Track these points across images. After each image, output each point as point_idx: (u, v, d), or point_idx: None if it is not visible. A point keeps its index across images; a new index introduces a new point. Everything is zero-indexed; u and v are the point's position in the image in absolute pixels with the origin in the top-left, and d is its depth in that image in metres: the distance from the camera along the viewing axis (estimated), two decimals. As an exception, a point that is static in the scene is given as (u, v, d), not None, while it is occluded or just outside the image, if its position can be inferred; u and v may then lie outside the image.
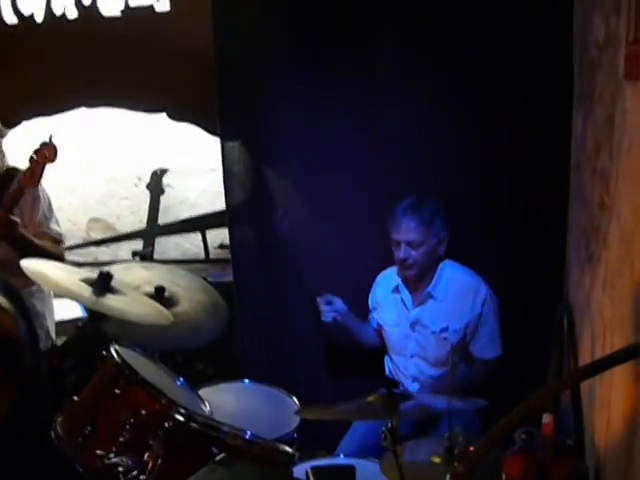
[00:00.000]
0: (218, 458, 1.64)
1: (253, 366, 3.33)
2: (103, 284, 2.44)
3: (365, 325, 3.15)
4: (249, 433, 2.35)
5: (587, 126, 2.34)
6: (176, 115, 3.72)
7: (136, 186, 3.97)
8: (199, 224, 3.84)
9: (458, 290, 2.89)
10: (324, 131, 3.13)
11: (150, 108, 3.69)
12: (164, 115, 3.74)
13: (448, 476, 1.04)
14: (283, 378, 3.19)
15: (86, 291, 2.40)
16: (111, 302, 2.39)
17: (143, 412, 2.31)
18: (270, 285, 3.31)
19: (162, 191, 3.92)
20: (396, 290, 3.00)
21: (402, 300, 2.97)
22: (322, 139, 3.14)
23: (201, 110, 3.51)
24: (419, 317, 2.92)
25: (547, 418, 1.88)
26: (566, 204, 2.75)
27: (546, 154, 2.91)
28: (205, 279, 3.52)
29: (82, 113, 3.73)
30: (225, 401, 2.91)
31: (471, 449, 1.17)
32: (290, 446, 2.62)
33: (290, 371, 3.34)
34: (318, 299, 3.05)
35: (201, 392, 2.87)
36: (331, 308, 3.04)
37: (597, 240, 2.03)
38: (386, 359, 3.12)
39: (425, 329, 2.91)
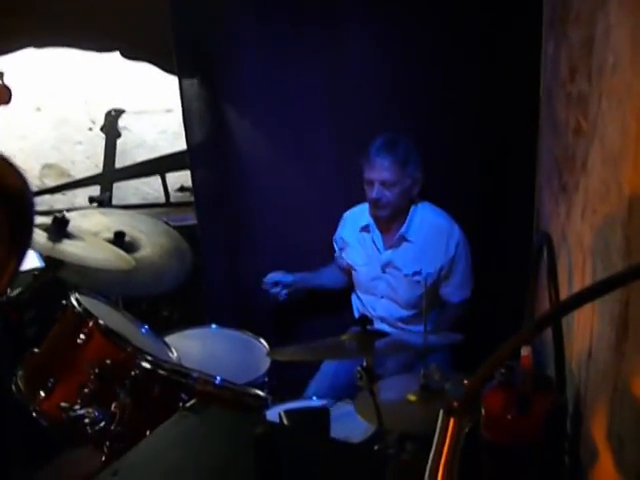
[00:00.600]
0: (189, 404, 1.55)
1: (220, 310, 3.27)
2: (58, 229, 2.32)
3: (320, 274, 3.11)
4: (219, 378, 2.29)
5: (560, 51, 2.24)
6: (130, 54, 3.56)
7: (90, 129, 3.79)
8: (158, 167, 3.70)
9: (432, 233, 2.83)
10: (288, 67, 3.00)
11: (102, 47, 3.52)
12: (117, 54, 3.56)
13: (442, 412, 0.96)
14: (251, 322, 3.14)
15: (41, 237, 2.27)
16: (68, 248, 2.27)
17: (108, 361, 2.23)
18: (235, 226, 3.22)
19: (118, 134, 3.75)
20: (365, 229, 2.93)
21: (372, 240, 2.90)
22: (286, 76, 3.01)
23: (156, 48, 3.34)
24: (391, 259, 2.86)
25: (526, 350, 1.81)
26: (536, 134, 2.67)
27: (516, 84, 2.82)
28: (167, 223, 3.43)
29: (29, 54, 3.53)
30: (192, 347, 2.86)
31: (465, 382, 1.09)
32: (261, 390, 2.60)
33: (258, 314, 3.28)
34: (264, 286, 3.00)
35: (167, 339, 2.81)
36: (280, 288, 3.00)
37: (572, 169, 1.96)
38: (354, 298, 3.08)
39: (397, 271, 2.86)
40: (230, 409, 1.97)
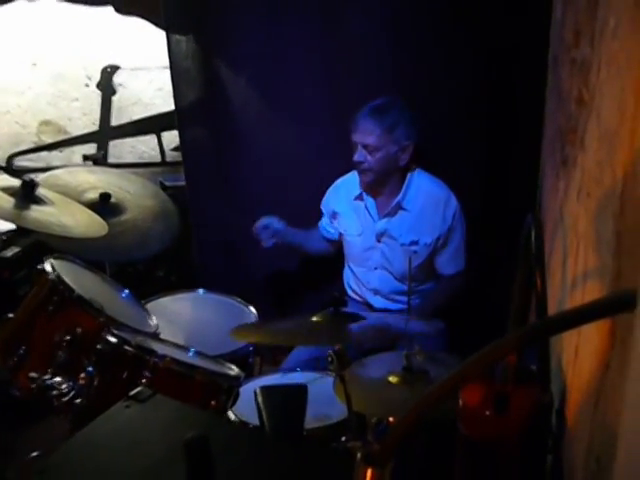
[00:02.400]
0: (133, 392, 1.39)
1: (210, 273, 3.15)
2: (26, 194, 2.14)
3: (308, 235, 2.94)
4: (192, 352, 2.15)
5: (567, 14, 2.00)
6: (123, 8, 3.36)
7: (87, 86, 3.60)
8: (154, 125, 3.54)
9: (429, 201, 2.67)
10: (281, 25, 2.80)
11: (94, 1, 3.33)
12: (111, 9, 3.36)
13: (359, 455, 0.77)
14: (241, 287, 3.00)
15: (6, 202, 2.10)
16: (33, 214, 2.10)
17: (79, 331, 2.09)
18: (225, 188, 3.06)
19: (114, 91, 3.56)
20: (359, 197, 2.76)
21: (366, 208, 2.73)
22: (279, 34, 2.81)
23: (149, 3, 3.15)
24: (387, 228, 2.70)
25: None
26: (543, 104, 2.45)
27: (522, 48, 2.60)
28: (162, 183, 3.30)
29: (21, 7, 3.33)
30: (180, 312, 2.76)
31: (390, 420, 0.90)
32: (246, 358, 2.47)
33: (247, 278, 3.15)
34: (254, 227, 2.80)
35: (157, 302, 2.73)
36: (269, 232, 2.80)
37: (574, 141, 1.74)
38: (345, 271, 2.91)
39: (393, 241, 2.70)
40: (189, 394, 1.81)
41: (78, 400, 1.96)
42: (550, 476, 1.62)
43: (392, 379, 1.99)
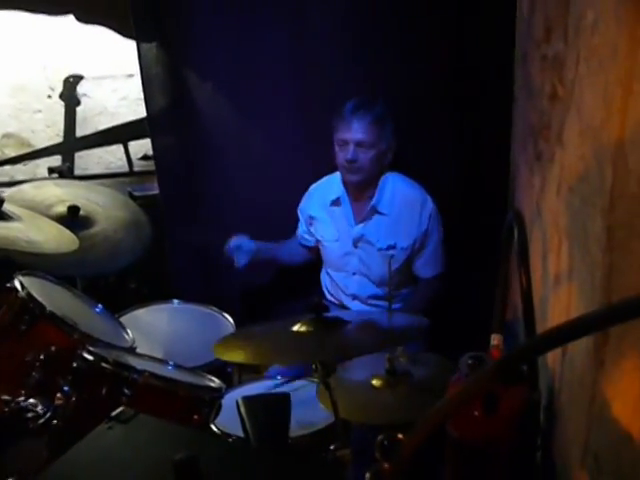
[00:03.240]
0: (115, 413, 1.33)
1: (184, 285, 3.07)
2: (-8, 210, 2.06)
3: (283, 246, 2.91)
4: (171, 366, 2.09)
5: (535, 10, 1.99)
6: (84, 17, 3.28)
7: (49, 97, 3.51)
8: (120, 135, 3.46)
9: (404, 204, 2.63)
10: (252, 31, 2.75)
11: (54, 10, 3.25)
12: (71, 17, 3.29)
13: (368, 475, 0.73)
14: (217, 297, 2.95)
15: (-29, 219, 2.03)
16: (1, 232, 2.02)
17: (53, 349, 2.03)
18: (197, 196, 3.00)
19: (77, 101, 3.48)
20: (336, 203, 2.71)
21: (344, 214, 2.69)
22: (249, 39, 2.76)
23: (111, 11, 3.08)
24: (363, 233, 2.66)
25: (496, 339, 1.64)
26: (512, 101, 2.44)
27: (491, 46, 2.59)
28: (131, 193, 3.24)
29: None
30: (155, 324, 2.71)
31: (399, 437, 0.87)
32: (224, 369, 2.43)
33: (223, 289, 3.09)
34: (225, 248, 2.79)
35: (132, 315, 2.68)
36: (241, 253, 2.78)
37: (548, 137, 1.73)
38: (323, 275, 2.88)
39: (370, 246, 2.67)
40: (171, 410, 1.76)
41: (55, 422, 1.89)
42: (540, 474, 1.61)
43: (375, 382, 1.98)
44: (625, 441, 0.92)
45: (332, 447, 1.75)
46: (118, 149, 3.56)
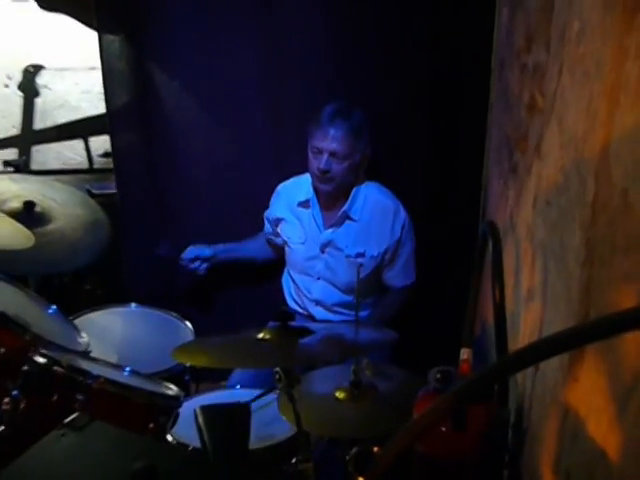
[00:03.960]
0: (68, 419, 1.30)
1: (142, 287, 3.01)
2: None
3: (247, 245, 2.91)
4: (127, 371, 2.06)
5: (515, 18, 2.02)
6: (47, 4, 3.21)
7: (6, 86, 3.43)
8: (81, 129, 3.40)
9: (377, 212, 2.64)
10: (221, 29, 2.72)
11: (14, -6, 3.20)
12: (34, 4, 3.22)
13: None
14: (176, 301, 2.92)
15: None
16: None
17: (2, 351, 1.98)
18: (158, 196, 2.95)
19: (37, 92, 3.41)
20: (305, 204, 2.70)
21: (312, 217, 2.69)
22: (218, 38, 2.73)
23: (75, -1, 3.04)
24: (332, 239, 2.66)
25: (465, 353, 1.63)
26: (487, 110, 2.47)
27: (468, 55, 2.62)
28: (90, 191, 3.18)
29: None
30: (112, 328, 2.67)
31: (374, 450, 0.86)
32: (182, 376, 2.41)
33: (183, 293, 3.05)
34: (180, 260, 2.80)
35: (86, 318, 2.63)
36: (199, 262, 2.80)
37: (525, 149, 1.74)
38: (285, 279, 2.87)
39: (338, 252, 2.66)
40: (126, 417, 1.72)
41: (2, 428, 1.83)
42: (507, 492, 1.61)
43: (339, 395, 1.96)
44: (600, 458, 0.93)
45: (294, 460, 1.73)
46: (78, 144, 3.49)
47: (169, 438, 1.98)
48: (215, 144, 2.86)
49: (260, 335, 1.74)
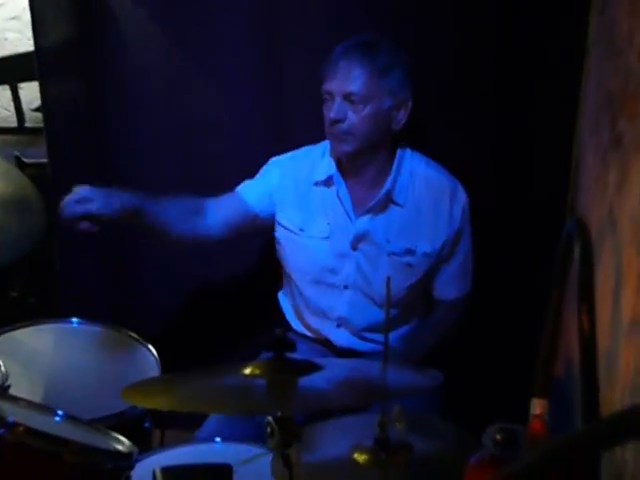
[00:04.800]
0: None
1: (87, 295, 3.11)
2: None
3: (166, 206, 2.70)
4: (60, 416, 2.07)
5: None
6: None
7: None
8: (7, 71, 3.45)
9: (429, 193, 2.69)
10: None
11: None
12: None
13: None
14: (133, 313, 3.05)
15: None
16: None
17: None
18: (104, 169, 3.01)
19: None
20: (327, 182, 2.72)
21: (339, 198, 2.70)
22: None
23: None
24: (368, 230, 2.68)
25: (538, 406, 1.64)
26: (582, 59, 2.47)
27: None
28: (19, 158, 3.27)
29: None
30: (44, 351, 2.73)
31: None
32: (142, 422, 2.46)
33: (143, 302, 3.13)
34: (62, 207, 2.52)
35: (8, 336, 2.69)
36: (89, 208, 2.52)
37: (635, 113, 1.71)
38: (286, 292, 2.91)
39: (376, 248, 2.69)
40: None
41: None
42: None
43: (359, 457, 1.94)
44: None
45: None
46: (3, 93, 3.56)
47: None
48: (190, 98, 2.92)
49: (247, 370, 1.73)
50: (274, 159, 2.81)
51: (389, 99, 2.57)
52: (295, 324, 2.86)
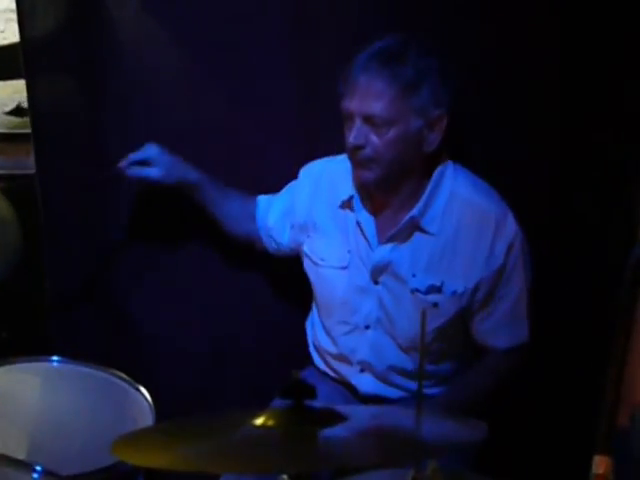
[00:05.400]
0: None
1: (72, 328, 3.10)
2: None
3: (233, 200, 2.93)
4: (38, 473, 2.07)
5: None
6: None
7: None
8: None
9: (467, 220, 2.63)
10: None
11: None
12: None
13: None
14: (123, 350, 3.05)
15: None
16: None
17: None
18: (101, 184, 2.97)
19: None
20: (347, 204, 2.73)
21: (358, 224, 2.70)
22: None
23: None
24: (390, 260, 2.66)
25: (602, 464, 1.61)
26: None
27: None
28: None
29: None
30: (21, 395, 2.73)
31: None
32: (134, 478, 2.43)
33: (135, 335, 3.13)
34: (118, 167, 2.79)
35: None
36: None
37: None
38: (313, 322, 2.90)
39: (398, 282, 2.66)
40: None
41: None
42: None
43: (389, 523, 1.96)
44: None
45: None
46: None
47: None
48: (200, 97, 2.94)
49: (259, 420, 1.73)
50: (305, 168, 2.84)
51: (418, 119, 2.53)
52: (318, 361, 2.86)
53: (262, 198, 2.91)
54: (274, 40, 2.88)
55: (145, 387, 2.63)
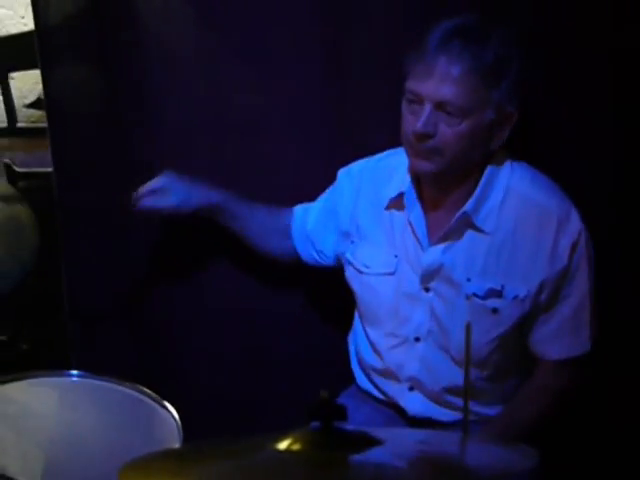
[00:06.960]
0: None
1: (92, 342, 3.16)
2: None
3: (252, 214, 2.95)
4: None
5: None
6: None
7: None
8: (-5, 59, 3.53)
9: (527, 219, 2.63)
10: None
11: None
12: None
13: None
14: (148, 365, 3.10)
15: None
16: None
17: None
18: (125, 184, 2.99)
19: None
20: (396, 203, 2.72)
21: (409, 224, 2.69)
22: None
23: None
24: (442, 263, 2.66)
25: None
26: None
27: None
28: (10, 167, 3.36)
29: None
30: (38, 411, 2.74)
31: None
32: None
33: (162, 354, 3.17)
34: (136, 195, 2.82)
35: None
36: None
37: None
38: (356, 335, 2.91)
39: (453, 289, 2.66)
40: None
41: None
42: None
43: None
44: None
45: None
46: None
47: None
48: (229, 88, 2.98)
49: (283, 444, 1.71)
50: (343, 171, 2.86)
51: (493, 111, 2.52)
52: (360, 377, 2.87)
53: (298, 207, 2.95)
54: (309, 45, 2.92)
55: (172, 404, 2.63)
